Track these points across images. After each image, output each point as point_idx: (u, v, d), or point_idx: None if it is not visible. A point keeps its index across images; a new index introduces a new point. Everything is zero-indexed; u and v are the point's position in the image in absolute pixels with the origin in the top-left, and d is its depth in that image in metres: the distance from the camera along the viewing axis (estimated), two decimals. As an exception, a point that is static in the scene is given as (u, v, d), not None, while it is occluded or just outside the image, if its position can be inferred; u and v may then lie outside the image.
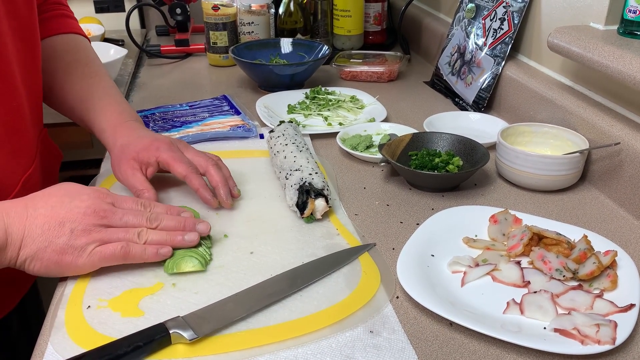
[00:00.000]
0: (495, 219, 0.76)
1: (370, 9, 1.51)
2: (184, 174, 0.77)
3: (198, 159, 0.80)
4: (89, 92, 0.86)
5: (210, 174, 0.79)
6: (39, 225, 0.61)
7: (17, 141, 0.77)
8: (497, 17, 1.12)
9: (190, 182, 0.77)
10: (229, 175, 0.82)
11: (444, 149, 0.92)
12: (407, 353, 0.57)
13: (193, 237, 0.68)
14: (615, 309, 0.60)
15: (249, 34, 1.43)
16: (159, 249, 0.66)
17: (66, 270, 0.64)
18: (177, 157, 0.78)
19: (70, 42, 0.91)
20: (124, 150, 0.79)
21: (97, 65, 0.91)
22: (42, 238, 0.61)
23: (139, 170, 0.77)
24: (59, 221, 0.62)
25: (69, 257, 0.62)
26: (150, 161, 0.78)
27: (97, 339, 0.57)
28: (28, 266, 0.62)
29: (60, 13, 0.93)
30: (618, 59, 0.77)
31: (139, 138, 0.80)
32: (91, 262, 0.63)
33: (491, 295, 0.65)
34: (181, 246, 0.67)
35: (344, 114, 1.15)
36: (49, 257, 0.62)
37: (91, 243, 0.63)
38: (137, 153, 0.78)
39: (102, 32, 1.54)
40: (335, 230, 0.76)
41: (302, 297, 0.64)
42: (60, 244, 0.62)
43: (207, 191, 0.78)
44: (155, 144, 0.78)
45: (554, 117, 0.96)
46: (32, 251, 0.61)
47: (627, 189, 0.81)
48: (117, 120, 0.83)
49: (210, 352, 0.56)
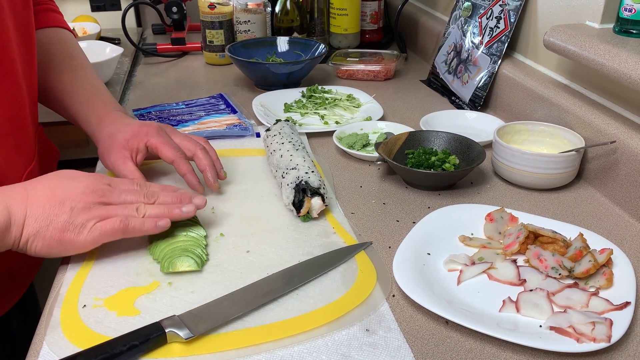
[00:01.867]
0: (491, 217, 0.76)
1: (367, 8, 1.51)
2: (172, 159, 0.79)
3: (186, 143, 0.82)
4: (74, 85, 0.87)
5: (198, 158, 0.81)
6: (40, 205, 0.63)
7: (21, 136, 0.78)
8: (493, 15, 1.12)
9: (178, 167, 0.79)
10: (216, 158, 0.84)
11: (440, 147, 0.92)
12: (403, 351, 0.57)
13: (190, 208, 0.70)
14: (610, 307, 0.60)
15: (246, 32, 1.42)
16: (157, 222, 0.67)
17: (68, 247, 0.64)
18: (166, 141, 0.80)
19: (55, 36, 0.92)
20: (112, 138, 0.80)
21: (81, 58, 0.92)
22: (43, 217, 0.62)
23: (130, 159, 0.79)
24: (59, 200, 0.63)
25: (70, 235, 0.63)
26: (140, 147, 0.79)
27: (92, 338, 0.57)
28: (30, 245, 0.63)
29: (46, 7, 0.94)
30: (614, 57, 0.77)
31: (126, 125, 0.81)
32: (92, 238, 0.64)
33: (487, 294, 0.65)
34: (179, 218, 0.69)
35: (341, 112, 1.14)
36: (51, 234, 0.63)
37: (91, 219, 0.64)
38: (127, 141, 0.79)
39: (98, 30, 1.54)
40: (332, 228, 0.76)
41: (298, 295, 0.64)
42: (61, 221, 0.63)
43: (194, 176, 0.80)
44: (144, 129, 0.80)
45: (550, 115, 0.96)
46: (34, 230, 0.62)
47: (622, 187, 0.81)
48: (102, 111, 0.84)
49: (206, 351, 0.56)
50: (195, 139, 0.84)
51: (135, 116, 1.10)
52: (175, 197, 0.71)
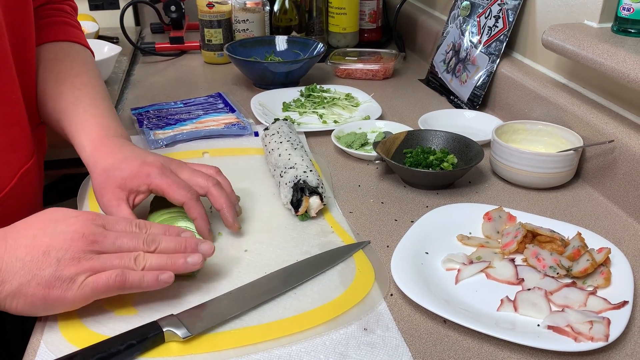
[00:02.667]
0: (490, 216, 0.76)
1: (366, 7, 1.51)
2: (182, 201, 0.70)
3: (196, 180, 0.72)
4: (73, 105, 0.79)
5: (213, 196, 0.72)
6: (19, 258, 0.55)
7: (15, 134, 0.75)
8: (491, 14, 1.12)
9: (189, 211, 0.70)
10: (231, 192, 0.75)
11: (439, 146, 0.92)
12: (401, 350, 0.57)
13: (197, 259, 0.60)
14: (608, 306, 0.60)
15: (244, 31, 1.42)
16: (159, 275, 0.58)
17: (54, 305, 0.57)
18: (173, 182, 0.70)
19: (64, 51, 0.86)
20: (108, 175, 0.70)
21: (89, 76, 0.84)
22: (24, 271, 0.54)
23: (124, 201, 0.69)
24: (42, 250, 0.55)
25: (57, 291, 0.55)
26: (141, 189, 0.70)
27: (90, 337, 0.57)
28: (10, 305, 0.55)
29: (60, 20, 0.89)
30: (612, 56, 0.77)
31: (124, 160, 0.71)
32: (82, 294, 0.56)
33: (485, 293, 0.65)
34: (184, 271, 0.61)
35: (339, 111, 1.14)
36: (34, 292, 0.55)
37: (81, 273, 0.56)
38: (124, 180, 0.70)
39: (96, 29, 1.54)
40: (330, 228, 0.76)
41: (296, 294, 0.64)
42: (45, 276, 0.55)
43: (206, 223, 0.71)
44: (145, 170, 0.70)
45: (549, 114, 0.96)
46: (13, 287, 0.54)
47: (620, 187, 0.81)
48: (98, 136, 0.75)
49: (204, 350, 0.56)
50: (206, 170, 0.74)
51: (133, 115, 1.10)
52: (179, 243, 0.62)
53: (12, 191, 0.75)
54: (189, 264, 0.60)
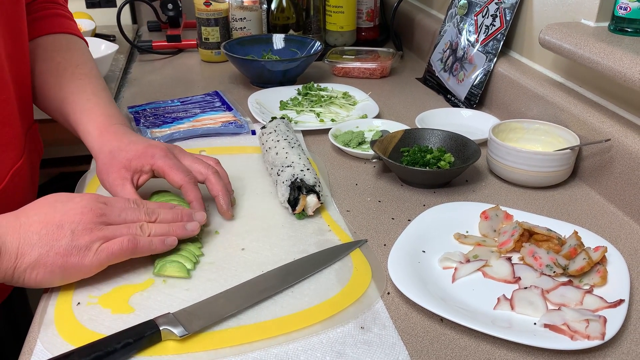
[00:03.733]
0: (486, 215, 0.76)
1: (363, 5, 1.51)
2: (180, 184, 0.73)
3: (196, 166, 0.76)
4: (77, 93, 0.82)
5: (211, 182, 0.76)
6: (35, 232, 0.59)
7: (6, 133, 0.75)
8: (489, 13, 1.12)
9: (185, 193, 0.73)
10: (227, 182, 0.79)
11: (436, 145, 0.93)
12: (397, 349, 0.57)
13: (194, 226, 0.68)
14: (604, 305, 0.61)
15: (241, 29, 1.42)
16: (165, 239, 0.65)
17: (72, 272, 0.61)
18: (174, 164, 0.74)
19: (61, 42, 0.88)
20: (114, 156, 0.74)
21: (88, 67, 0.87)
22: (41, 243, 0.58)
23: (129, 181, 0.73)
24: (56, 224, 0.59)
25: (74, 259, 0.59)
26: (144, 169, 0.74)
27: (86, 335, 0.57)
28: (29, 275, 0.58)
29: (53, 12, 0.90)
30: (609, 55, 0.77)
31: (130, 143, 0.75)
32: (98, 260, 0.61)
33: (482, 291, 0.65)
34: (184, 236, 0.68)
35: (336, 110, 1.14)
36: (53, 260, 0.58)
37: (96, 241, 0.61)
38: (129, 160, 0.73)
39: (93, 27, 1.53)
40: (327, 226, 0.76)
41: (293, 293, 0.64)
42: (63, 245, 0.59)
43: (201, 206, 0.74)
44: (150, 151, 0.74)
45: (545, 113, 0.96)
46: (32, 258, 0.58)
47: (617, 185, 0.81)
48: (103, 123, 0.79)
49: (201, 348, 0.56)
50: (206, 160, 0.78)
51: (131, 113, 1.10)
52: (176, 214, 0.68)
53: (4, 190, 0.76)
54: (188, 230, 0.68)
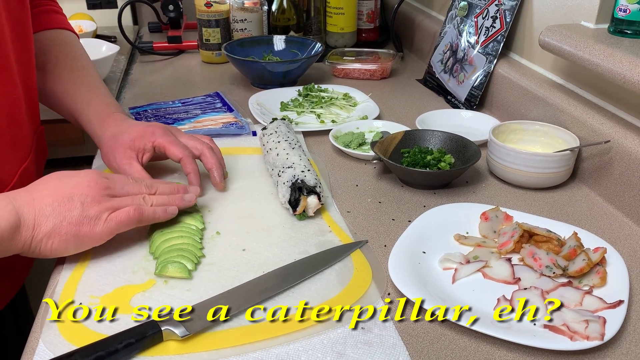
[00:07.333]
0: (486, 216, 0.76)
1: (364, 7, 1.51)
2: (179, 157, 0.80)
3: (193, 143, 0.83)
4: (76, 85, 0.87)
5: (205, 156, 0.83)
6: (48, 204, 0.63)
7: (17, 133, 0.78)
8: (489, 15, 1.12)
9: (184, 165, 0.80)
10: (221, 157, 0.85)
11: (436, 146, 0.93)
12: (398, 349, 0.57)
13: (191, 197, 0.75)
14: (604, 305, 0.61)
15: (242, 31, 1.42)
16: (167, 208, 0.71)
17: (85, 241, 0.65)
18: (173, 140, 0.81)
19: (57, 37, 0.92)
20: (117, 139, 0.80)
21: (84, 59, 0.92)
22: (55, 214, 0.63)
23: (135, 159, 0.79)
24: (67, 196, 0.64)
25: (86, 228, 0.64)
26: (147, 147, 0.80)
27: (88, 335, 0.57)
28: (46, 245, 0.63)
29: (48, 9, 0.94)
30: (608, 57, 0.77)
31: (131, 126, 0.82)
32: (108, 228, 0.65)
33: (482, 292, 0.65)
34: (183, 205, 0.73)
35: (337, 111, 1.15)
36: (67, 230, 0.63)
37: (104, 211, 0.65)
38: (132, 141, 0.80)
39: (94, 28, 1.54)
40: (328, 227, 0.76)
41: (294, 293, 0.64)
42: (75, 216, 0.63)
43: (198, 177, 0.81)
44: (150, 129, 0.81)
45: (545, 115, 0.96)
46: (47, 228, 0.62)
47: (616, 187, 0.82)
48: (104, 112, 0.85)
49: (202, 348, 0.56)
50: (201, 138, 0.85)
51: (131, 114, 1.10)
52: (173, 187, 0.74)
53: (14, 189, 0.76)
54: (186, 200, 0.74)
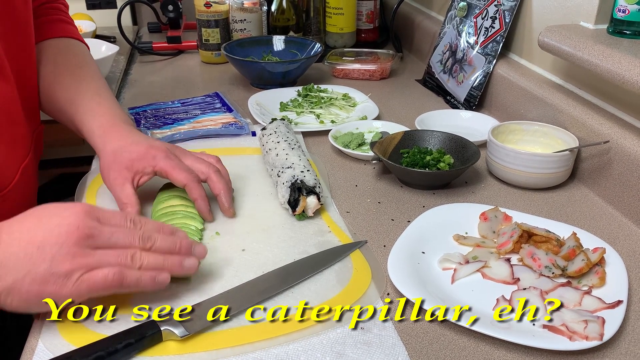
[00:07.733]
0: (486, 216, 0.77)
1: (363, 7, 1.51)
2: (184, 183, 0.75)
3: (198, 166, 0.77)
4: (79, 94, 0.83)
5: (212, 181, 0.77)
6: (13, 253, 0.54)
7: (16, 131, 0.77)
8: (488, 15, 1.12)
9: (190, 192, 0.75)
10: (229, 179, 0.80)
11: (435, 146, 0.93)
12: (397, 349, 0.57)
13: (193, 263, 0.61)
14: (603, 306, 0.61)
15: (241, 31, 1.42)
16: (156, 277, 0.58)
17: None
18: (176, 165, 0.75)
19: (62, 46, 0.90)
20: (117, 156, 0.75)
21: (91, 69, 0.89)
22: (18, 267, 0.53)
23: (129, 181, 0.74)
24: (37, 245, 0.54)
25: (52, 287, 0.54)
26: (146, 170, 0.75)
27: (88, 336, 0.57)
28: (4, 301, 0.54)
29: (56, 18, 0.92)
30: (607, 57, 0.77)
31: (133, 144, 0.76)
32: (78, 291, 0.55)
33: (481, 292, 0.65)
34: (179, 274, 0.61)
35: (336, 111, 1.15)
36: (28, 288, 0.53)
37: (77, 270, 0.54)
38: (131, 161, 0.75)
39: (93, 28, 1.54)
40: (327, 227, 0.76)
41: (293, 294, 0.64)
42: (40, 272, 0.53)
43: (206, 203, 0.76)
44: (152, 152, 0.75)
45: (545, 115, 0.96)
46: (7, 283, 0.53)
47: (616, 187, 0.82)
48: (107, 122, 0.80)
49: (202, 349, 0.56)
50: (207, 158, 0.80)
51: (131, 115, 1.10)
52: (174, 243, 0.61)
53: (16, 187, 0.77)
54: (185, 268, 0.60)
